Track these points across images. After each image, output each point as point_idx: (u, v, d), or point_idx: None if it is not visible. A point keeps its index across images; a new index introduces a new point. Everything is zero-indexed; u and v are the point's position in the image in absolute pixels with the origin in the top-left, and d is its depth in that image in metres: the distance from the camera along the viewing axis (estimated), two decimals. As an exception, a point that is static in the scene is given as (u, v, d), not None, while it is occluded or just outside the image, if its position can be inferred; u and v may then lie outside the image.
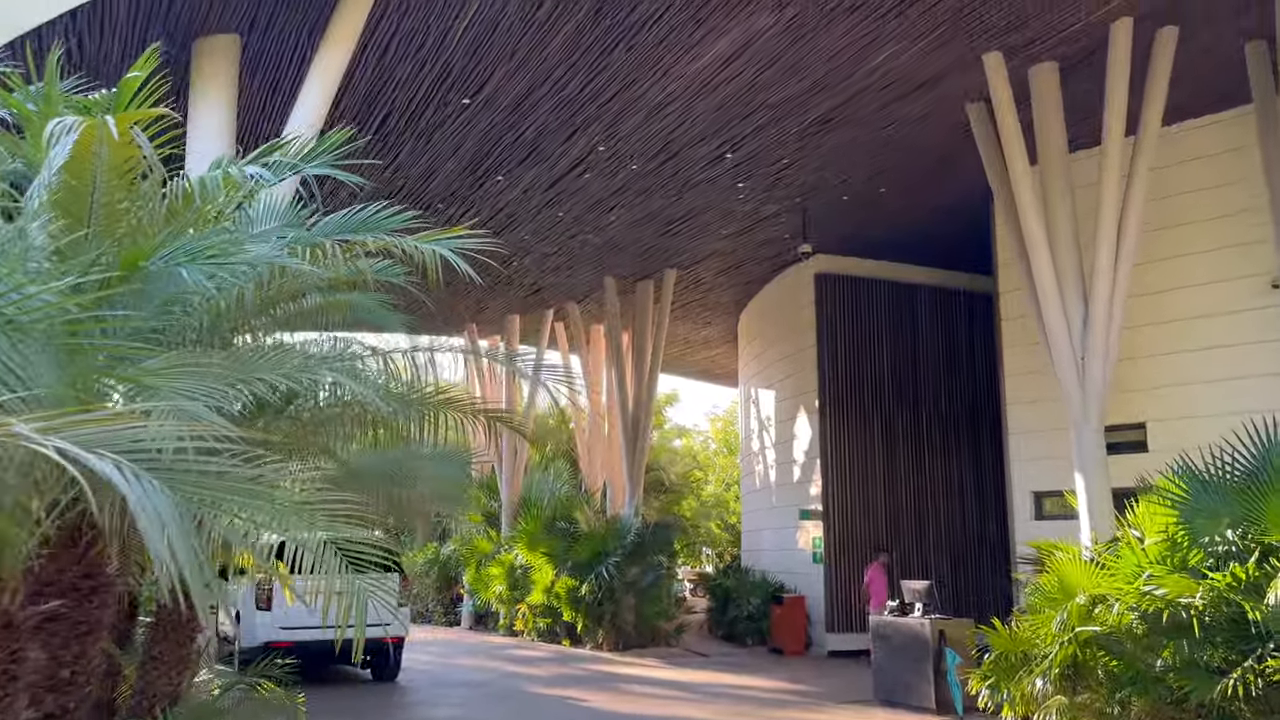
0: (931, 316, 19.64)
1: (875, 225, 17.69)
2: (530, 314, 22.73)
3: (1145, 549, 8.12)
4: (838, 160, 14.62)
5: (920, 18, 10.60)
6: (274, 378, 3.40)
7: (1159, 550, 8.05)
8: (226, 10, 8.05)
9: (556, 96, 11.34)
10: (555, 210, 15.67)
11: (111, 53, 8.15)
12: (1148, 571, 7.82)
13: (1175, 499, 7.91)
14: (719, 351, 26.82)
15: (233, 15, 8.16)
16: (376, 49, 9.42)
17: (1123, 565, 8.16)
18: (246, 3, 8.06)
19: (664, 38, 10.25)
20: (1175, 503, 7.89)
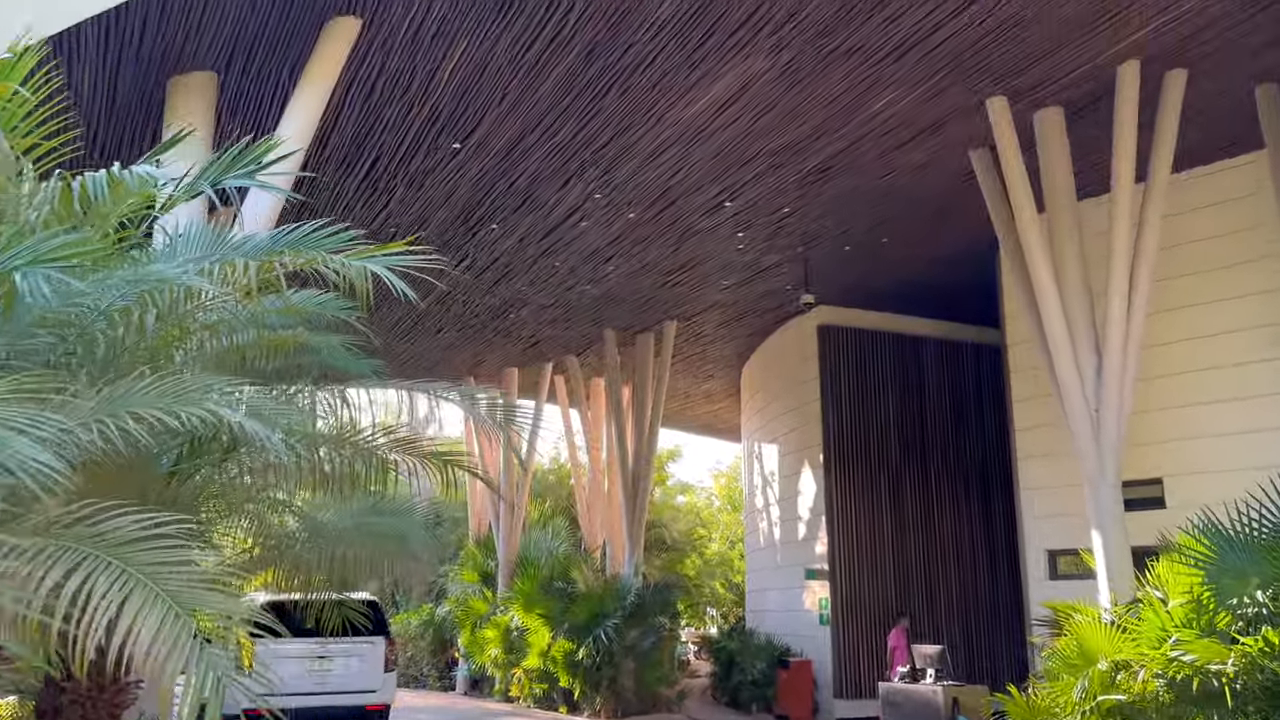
0: (938, 369, 19.24)
1: (878, 276, 17.37)
2: (529, 367, 22.36)
3: (1169, 611, 7.64)
4: (838, 209, 14.34)
5: (920, 62, 10.36)
6: (149, 412, 2.94)
7: (1184, 613, 7.55)
8: (201, 46, 7.80)
9: (549, 142, 11.09)
10: (551, 260, 15.37)
11: (81, 88, 7.88)
12: (1175, 636, 7.31)
13: (1199, 558, 7.42)
14: (721, 406, 26.39)
15: (208, 52, 7.91)
16: (362, 89, 9.17)
17: (1146, 628, 7.66)
18: (222, 39, 7.81)
19: (658, 81, 10.01)
20: (1199, 562, 7.41)
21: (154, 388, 3.03)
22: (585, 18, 8.60)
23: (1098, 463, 11.04)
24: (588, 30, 8.79)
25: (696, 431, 30.75)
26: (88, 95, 7.86)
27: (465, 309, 17.29)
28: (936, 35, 9.90)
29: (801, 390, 18.90)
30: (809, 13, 9.20)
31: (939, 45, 10.09)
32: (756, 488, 21.91)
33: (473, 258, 14.81)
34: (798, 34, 9.52)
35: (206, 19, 7.52)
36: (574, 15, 8.51)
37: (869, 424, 18.48)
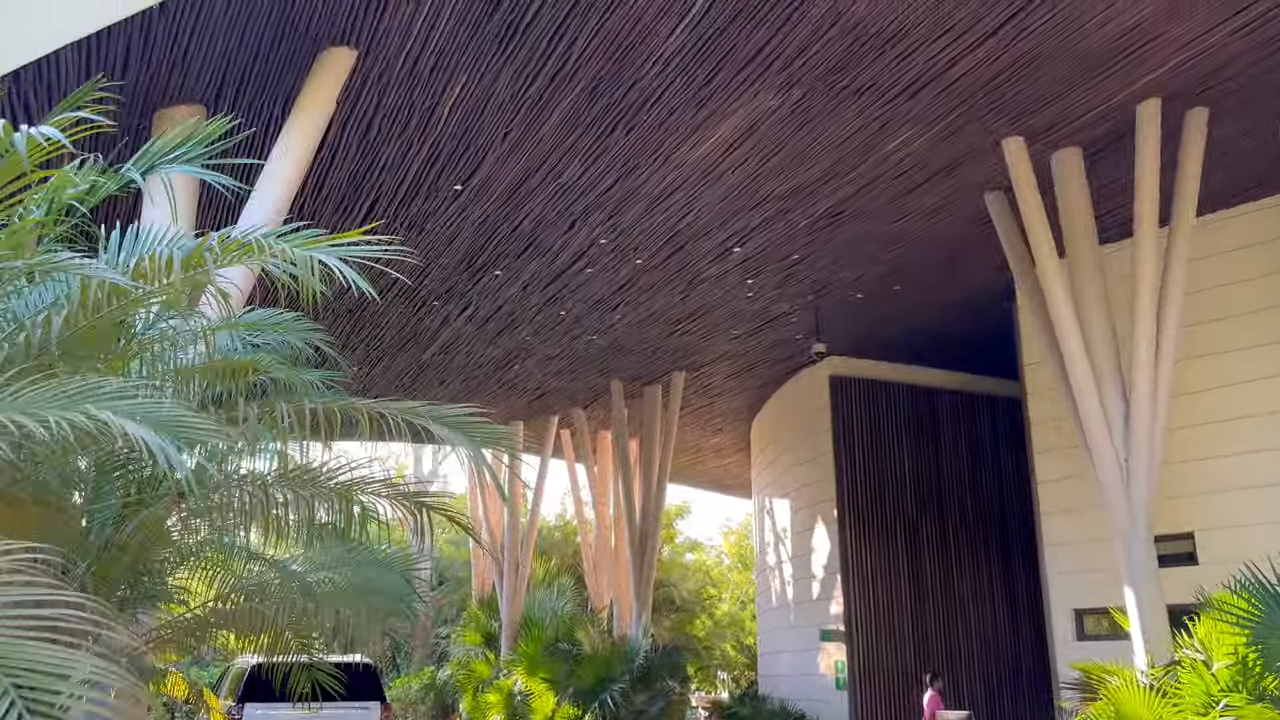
0: (953, 421, 18.75)
1: (891, 325, 16.98)
2: (535, 420, 21.92)
3: (1214, 674, 7.10)
4: (850, 256, 13.99)
5: (934, 100, 10.07)
6: (8, 417, 2.46)
7: (1230, 675, 7.01)
8: (189, 79, 7.53)
9: (554, 184, 10.79)
10: (557, 309, 15.02)
11: (64, 122, 7.59)
12: (1223, 701, 6.77)
13: (1243, 616, 6.90)
14: (731, 460, 25.85)
15: (195, 84, 7.63)
16: (358, 126, 8.89)
17: (1189, 692, 7.12)
18: (210, 70, 7.54)
19: (664, 120, 9.72)
20: (1243, 621, 6.89)
21: (25, 393, 2.57)
22: (589, 51, 8.33)
23: (1129, 515, 10.50)
24: (591, 65, 8.52)
25: (706, 487, 30.15)
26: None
27: (469, 359, 16.92)
28: (951, 72, 9.61)
29: (813, 443, 18.41)
30: (819, 48, 8.92)
31: (954, 83, 9.80)
32: (768, 545, 21.29)
33: (476, 305, 14.47)
34: (808, 70, 9.24)
35: (193, 49, 7.26)
36: (577, 48, 8.24)
37: (884, 478, 17.96)
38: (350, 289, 8.63)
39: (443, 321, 14.85)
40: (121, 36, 6.79)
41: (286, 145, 7.26)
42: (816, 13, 8.37)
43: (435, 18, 7.35)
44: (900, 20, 8.69)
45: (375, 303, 13.58)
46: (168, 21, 6.84)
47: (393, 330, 14.91)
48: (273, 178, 7.27)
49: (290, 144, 7.26)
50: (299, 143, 7.28)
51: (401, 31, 7.45)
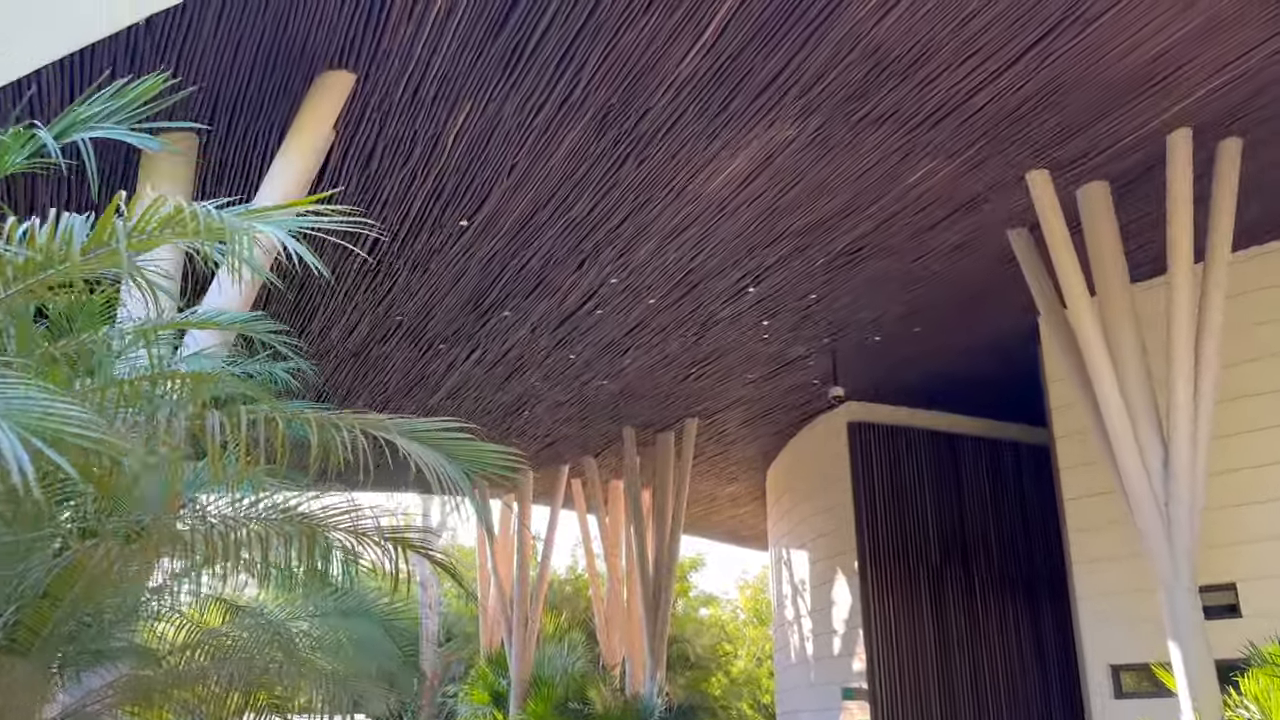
0: (976, 468, 18.16)
1: (910, 369, 16.51)
2: (545, 470, 21.40)
3: (1278, 736, 6.53)
4: (868, 296, 13.56)
5: (956, 130, 9.70)
6: None
7: (1295, 738, 6.45)
8: (178, 105, 7.19)
9: (563, 219, 10.44)
10: (566, 352, 14.61)
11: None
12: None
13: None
14: (746, 510, 25.22)
15: (186, 110, 7.31)
16: (359, 156, 8.56)
17: (1252, 758, 6.54)
18: (201, 98, 7.20)
19: (676, 151, 9.38)
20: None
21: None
22: (598, 77, 8.00)
23: (1171, 565, 9.90)
24: (601, 92, 8.19)
25: (720, 539, 29.46)
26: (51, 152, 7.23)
27: (477, 405, 16.49)
28: (974, 101, 9.25)
29: (832, 492, 17.83)
30: (838, 74, 8.58)
31: (977, 112, 9.44)
32: (786, 598, 20.60)
33: (484, 349, 14.08)
34: (826, 98, 8.90)
35: (182, 72, 6.95)
36: (586, 74, 7.92)
37: (906, 528, 17.33)
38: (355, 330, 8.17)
39: (449, 365, 14.45)
40: (106, 56, 6.49)
41: (279, 172, 6.91)
42: (835, 35, 8.05)
43: (437, 39, 7.04)
44: (922, 44, 8.36)
45: (381, 344, 13.21)
46: (154, 43, 6.54)
47: (398, 374, 14.52)
48: (267, 199, 6.89)
49: (283, 171, 6.90)
50: (293, 170, 6.93)
51: (402, 54, 7.14)
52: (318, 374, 12.95)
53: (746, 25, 7.73)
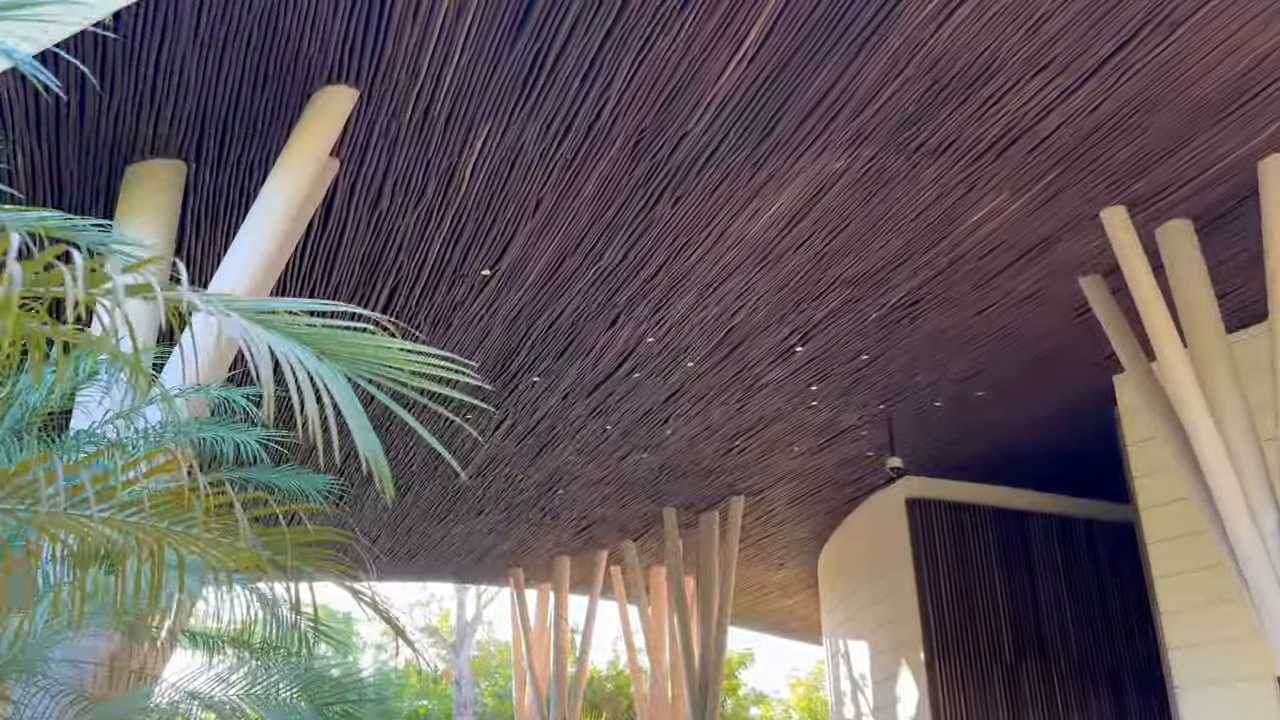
0: (1048, 548, 16.73)
1: (974, 439, 15.34)
2: (581, 556, 20.25)
3: None
4: (926, 355, 12.53)
5: (1025, 159, 8.79)
6: None
7: None
8: (160, 128, 6.51)
9: (593, 268, 9.61)
10: (602, 422, 13.66)
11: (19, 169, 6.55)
12: None
13: None
14: (797, 600, 23.74)
15: (170, 135, 6.60)
16: (367, 194, 7.82)
17: None
18: (185, 120, 6.50)
19: (717, 185, 8.55)
20: None
21: None
22: (627, 96, 7.23)
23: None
24: (630, 115, 7.41)
25: (770, 631, 27.85)
26: (24, 175, 6.52)
27: (508, 484, 15.52)
28: (1044, 124, 8.35)
29: (892, 577, 16.47)
30: (893, 93, 7.75)
31: (1048, 137, 8.53)
32: (844, 695, 19.03)
33: (513, 419, 13.17)
34: (879, 122, 8.05)
35: (161, 90, 6.27)
36: (613, 94, 7.15)
37: (975, 616, 15.88)
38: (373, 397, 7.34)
39: (476, 439, 13.54)
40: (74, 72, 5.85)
41: (270, 197, 6.14)
42: (889, 46, 7.23)
43: (448, 48, 6.32)
44: (986, 56, 7.51)
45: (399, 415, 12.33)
46: (127, 58, 5.88)
47: (422, 449, 13.63)
48: (250, 237, 6.11)
49: (275, 197, 6.13)
50: (285, 195, 6.16)
51: (409, 65, 6.42)
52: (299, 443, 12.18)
53: (791, 33, 6.94)
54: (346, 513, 15.26)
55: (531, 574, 21.31)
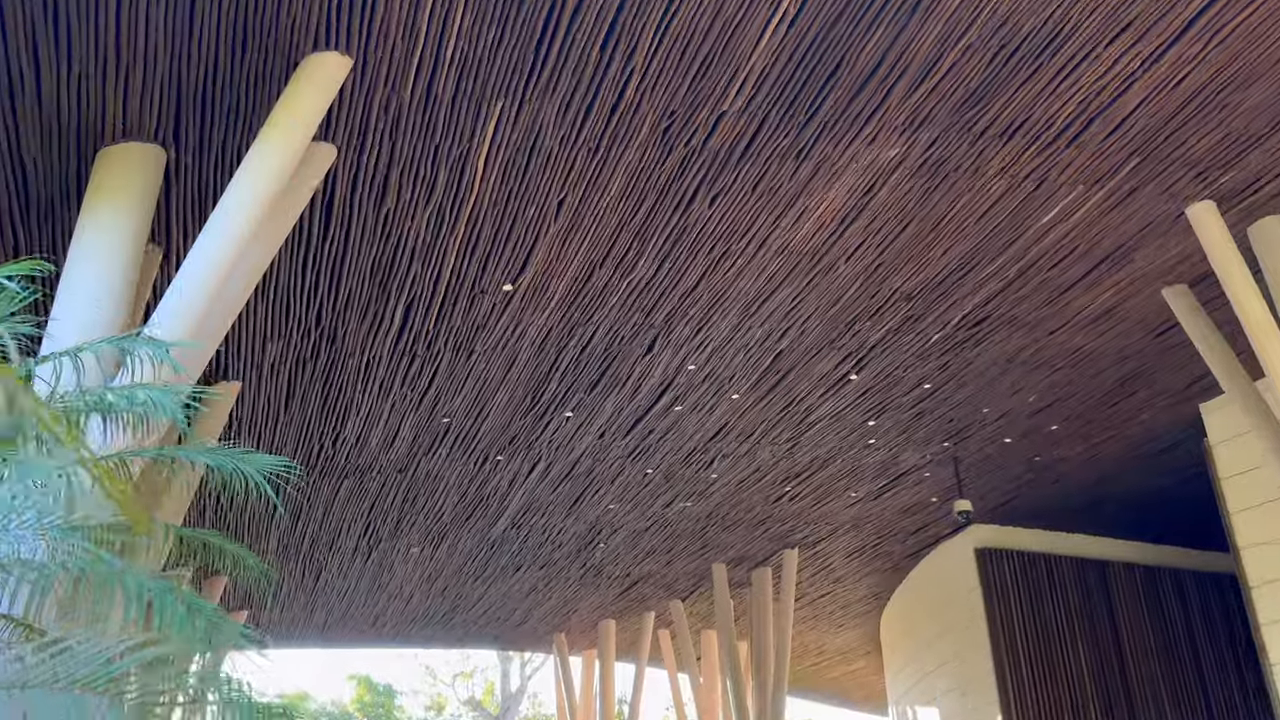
0: (1133, 602, 15.29)
1: (1047, 480, 14.14)
2: (627, 618, 19.10)
3: None
4: (994, 384, 11.49)
5: (1102, 144, 7.88)
6: None
7: None
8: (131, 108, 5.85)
9: (625, 281, 8.81)
10: (642, 465, 12.73)
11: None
12: None
13: None
14: (859, 666, 22.25)
15: (143, 115, 5.94)
16: (371, 191, 7.12)
17: None
18: (158, 98, 5.83)
19: (758, 179, 7.74)
20: None
21: None
22: (653, 71, 6.49)
23: None
24: (658, 92, 6.66)
25: (831, 700, 26.22)
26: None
27: (545, 536, 14.59)
28: (1124, 101, 7.45)
29: (962, 636, 15.15)
30: (953, 64, 6.91)
31: (1127, 118, 7.63)
32: (912, 766, 17.53)
33: (548, 462, 12.30)
34: (938, 99, 7.22)
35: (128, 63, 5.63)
36: (637, 64, 6.41)
37: (1057, 677, 14.47)
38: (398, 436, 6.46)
39: (510, 482, 12.67)
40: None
41: (247, 176, 5.43)
42: (947, 6, 6.42)
43: (447, 6, 5.63)
44: (1058, 17, 6.66)
45: (428, 456, 11.56)
46: (84, 20, 5.26)
47: (452, 495, 12.78)
48: (220, 221, 5.38)
49: (252, 176, 5.42)
50: (266, 174, 5.44)
51: (405, 28, 5.73)
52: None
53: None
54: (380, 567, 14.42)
55: (575, 639, 20.18)
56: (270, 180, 5.43)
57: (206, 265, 5.28)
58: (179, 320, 5.07)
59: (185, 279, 5.27)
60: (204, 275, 5.26)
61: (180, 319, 5.10)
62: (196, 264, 5.27)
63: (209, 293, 5.32)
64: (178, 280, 5.29)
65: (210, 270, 5.30)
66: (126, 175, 5.71)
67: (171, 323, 5.04)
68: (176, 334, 5.04)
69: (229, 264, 5.34)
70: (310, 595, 15.81)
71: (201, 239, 5.36)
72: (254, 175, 5.41)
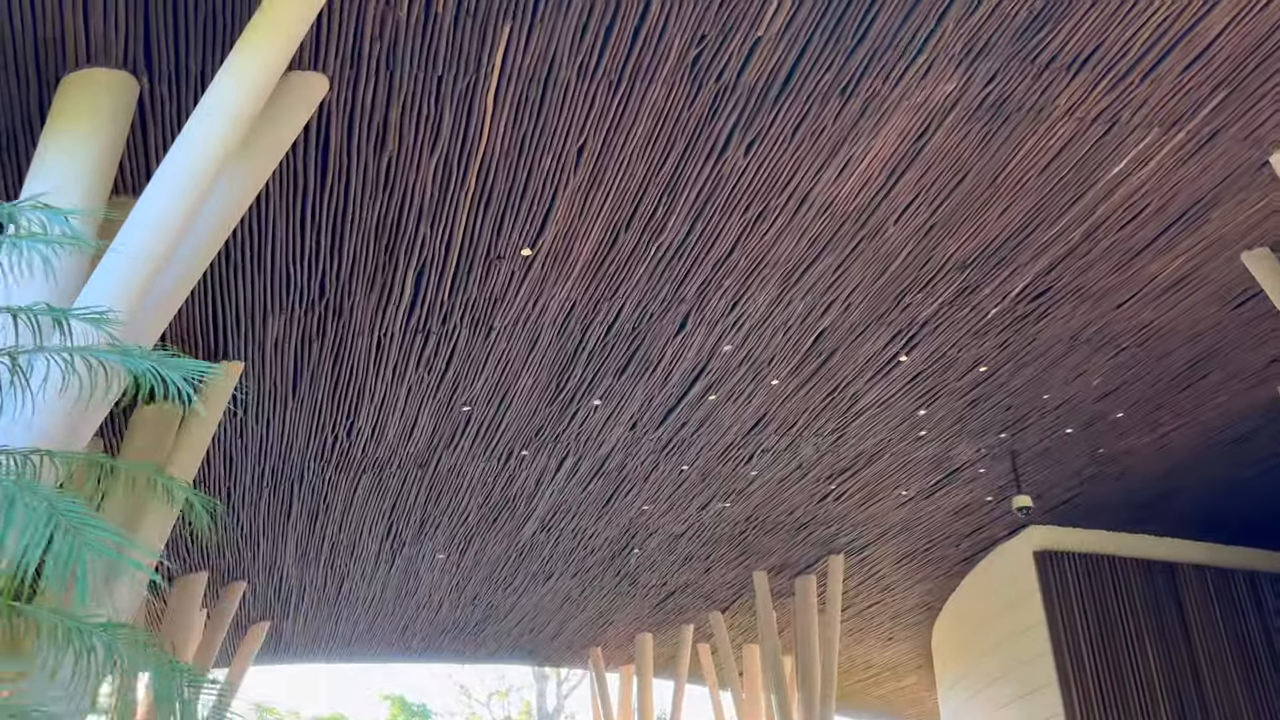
0: (1205, 606, 14.26)
1: (1111, 474, 13.19)
2: (664, 631, 18.26)
3: None
4: (1056, 364, 10.63)
5: (1180, 79, 7.08)
6: None
7: None
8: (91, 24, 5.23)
9: (653, 244, 8.11)
10: (677, 461, 11.98)
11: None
12: None
13: None
14: (909, 683, 21.19)
15: (112, 38, 5.33)
16: (370, 133, 6.47)
17: None
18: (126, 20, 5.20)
19: (798, 122, 7.02)
20: None
21: None
22: (681, -13, 5.81)
23: None
24: (686, 11, 5.97)
25: (882, 719, 25.07)
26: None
27: (576, 540, 13.85)
28: (1204, 27, 6.65)
29: (1021, 644, 14.18)
30: (1015, -18, 6.17)
31: (1208, 47, 6.83)
32: (970, 786, 16.47)
33: (577, 457, 11.58)
34: (1000, 24, 6.46)
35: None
36: (662, -20, 5.73)
37: (1126, 687, 13.46)
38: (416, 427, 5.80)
39: (537, 480, 11.97)
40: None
41: (214, 98, 4.77)
42: (1011, -94, 5.69)
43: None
44: (1135, -78, 5.92)
45: (450, 449, 10.89)
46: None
47: (477, 494, 12.10)
48: (180, 158, 4.70)
49: (220, 97, 4.76)
50: (236, 92, 4.78)
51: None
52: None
53: (884, -114, 5.48)
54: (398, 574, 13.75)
55: (611, 654, 19.36)
56: (243, 104, 4.78)
57: (161, 211, 4.60)
58: (120, 281, 4.37)
59: (134, 228, 4.56)
60: (159, 222, 4.58)
61: (122, 279, 4.40)
62: (150, 208, 4.58)
63: (162, 246, 4.61)
64: (125, 229, 4.60)
65: (167, 217, 4.61)
66: (93, 103, 5.11)
67: (113, 283, 4.37)
68: (118, 296, 4.36)
69: (188, 210, 4.66)
70: (334, 605, 15.17)
71: (157, 178, 4.68)
72: (222, 99, 4.76)
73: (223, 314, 7.83)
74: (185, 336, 7.90)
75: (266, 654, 16.31)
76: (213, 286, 7.57)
